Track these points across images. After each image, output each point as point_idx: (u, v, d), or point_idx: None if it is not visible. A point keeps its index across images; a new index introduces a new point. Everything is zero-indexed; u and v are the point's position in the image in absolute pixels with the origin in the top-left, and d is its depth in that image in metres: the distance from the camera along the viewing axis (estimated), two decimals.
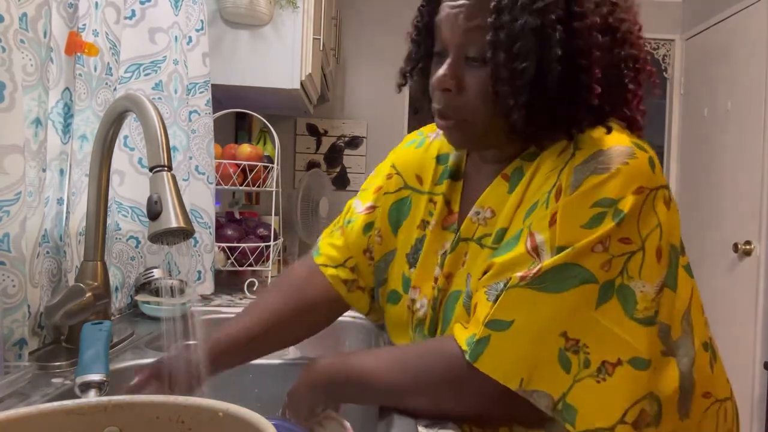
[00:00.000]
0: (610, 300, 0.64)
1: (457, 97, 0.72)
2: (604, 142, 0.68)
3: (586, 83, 0.67)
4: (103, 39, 1.11)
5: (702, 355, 0.73)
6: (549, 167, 0.70)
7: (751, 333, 2.72)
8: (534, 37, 0.65)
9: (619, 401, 0.63)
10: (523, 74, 0.66)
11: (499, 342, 0.65)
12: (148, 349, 1.04)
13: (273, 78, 1.88)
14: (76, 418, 0.52)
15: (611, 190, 0.65)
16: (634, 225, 0.65)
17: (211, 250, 1.59)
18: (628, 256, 0.65)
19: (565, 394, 0.63)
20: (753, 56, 2.80)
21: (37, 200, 0.93)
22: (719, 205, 3.03)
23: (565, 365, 0.63)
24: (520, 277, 0.65)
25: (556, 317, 0.64)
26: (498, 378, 0.64)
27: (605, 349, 0.63)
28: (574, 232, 0.65)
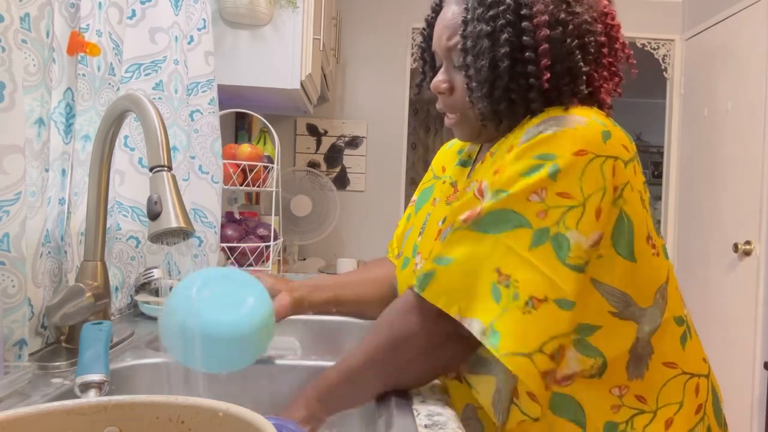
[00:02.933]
0: (544, 244, 0.71)
1: (450, 97, 0.88)
2: (562, 112, 0.77)
3: (534, 71, 0.78)
4: (106, 39, 1.11)
5: (672, 327, 0.80)
6: (513, 136, 0.81)
7: (751, 333, 2.72)
8: (487, 39, 0.79)
9: (540, 332, 0.70)
10: (481, 71, 0.80)
11: (442, 275, 0.74)
12: (148, 349, 1.04)
13: (273, 78, 1.88)
14: (76, 418, 0.52)
15: (554, 147, 0.73)
16: (576, 182, 0.72)
17: (216, 250, 1.58)
18: (566, 209, 0.72)
19: (494, 322, 0.70)
20: (753, 56, 2.80)
21: (39, 200, 0.93)
22: (719, 205, 3.04)
23: (496, 296, 0.71)
24: (462, 220, 0.75)
25: (491, 255, 0.72)
26: (440, 305, 0.73)
27: (534, 286, 0.70)
28: (513, 178, 0.73)
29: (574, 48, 0.79)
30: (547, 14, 0.78)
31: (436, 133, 5.06)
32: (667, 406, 0.79)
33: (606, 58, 0.82)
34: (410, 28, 3.38)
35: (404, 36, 3.38)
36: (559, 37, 0.78)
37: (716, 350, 2.97)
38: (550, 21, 0.78)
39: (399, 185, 3.45)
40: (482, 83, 0.80)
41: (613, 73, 0.84)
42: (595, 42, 0.81)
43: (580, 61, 0.80)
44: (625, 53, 0.85)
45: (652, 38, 3.52)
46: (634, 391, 0.78)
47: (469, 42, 0.81)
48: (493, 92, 0.80)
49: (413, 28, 3.39)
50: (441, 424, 0.71)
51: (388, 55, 3.35)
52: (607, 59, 0.82)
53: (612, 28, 0.83)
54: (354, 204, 3.40)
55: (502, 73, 0.79)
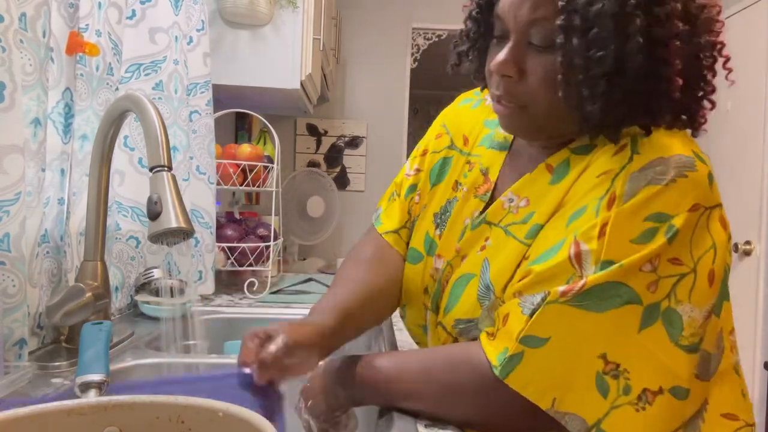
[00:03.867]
0: (655, 323, 0.60)
1: (518, 84, 0.67)
2: (665, 148, 0.63)
3: (667, 75, 0.62)
4: (105, 39, 1.11)
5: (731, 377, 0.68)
6: (601, 168, 0.65)
7: (751, 333, 2.72)
8: (612, 23, 0.60)
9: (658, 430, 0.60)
10: (600, 63, 0.61)
11: (533, 359, 0.61)
12: (148, 349, 1.04)
13: (273, 78, 1.88)
14: (76, 418, 0.52)
15: (666, 204, 0.60)
16: (687, 245, 0.61)
17: (212, 250, 1.59)
18: (678, 279, 0.60)
19: (601, 420, 0.60)
20: (753, 56, 2.80)
21: (36, 200, 0.93)
22: None
23: (602, 389, 0.60)
24: (561, 293, 0.61)
25: (595, 338, 0.60)
26: (528, 396, 0.61)
27: (647, 376, 0.60)
28: (623, 246, 0.60)
29: (699, 50, 0.65)
30: (679, 2, 0.62)
31: None
32: None
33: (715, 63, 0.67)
34: (410, 28, 3.38)
35: (404, 36, 3.38)
36: (688, 33, 0.63)
37: None
38: (682, 12, 0.62)
39: None
40: (597, 79, 0.62)
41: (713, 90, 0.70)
42: (714, 42, 0.66)
43: (704, 68, 0.66)
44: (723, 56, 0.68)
45: None
46: None
47: (579, 20, 0.60)
48: (611, 93, 0.62)
49: (413, 28, 3.39)
50: (441, 425, 0.71)
51: (388, 55, 3.35)
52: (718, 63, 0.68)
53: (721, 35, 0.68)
54: (354, 204, 3.40)
55: (630, 71, 0.61)
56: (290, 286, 1.82)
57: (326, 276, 2.15)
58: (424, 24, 3.40)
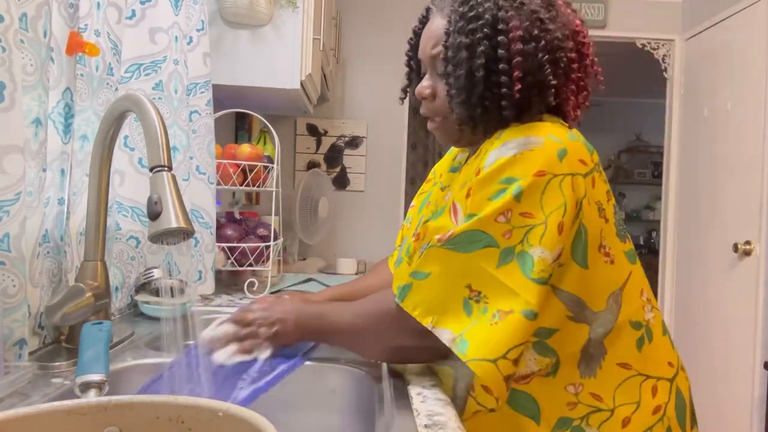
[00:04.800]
0: (510, 262, 0.78)
1: (433, 102, 0.95)
2: (520, 133, 0.82)
3: (506, 81, 0.85)
4: (104, 39, 1.11)
5: (626, 330, 0.86)
6: (480, 154, 0.86)
7: (751, 333, 2.72)
8: (465, 50, 0.86)
9: (504, 341, 0.76)
10: (459, 78, 0.87)
11: (418, 288, 0.82)
12: (148, 349, 1.04)
13: (273, 78, 1.88)
14: (76, 418, 0.52)
15: (514, 171, 0.79)
16: (537, 202, 0.78)
17: (212, 250, 1.59)
18: (529, 228, 0.78)
19: (464, 332, 0.78)
20: (753, 56, 2.80)
21: (36, 200, 0.93)
22: (719, 205, 3.04)
23: (467, 310, 0.79)
24: (437, 239, 0.81)
25: (463, 272, 0.79)
26: (416, 316, 0.81)
27: (501, 301, 0.77)
28: (482, 203, 0.80)
29: (545, 62, 0.86)
30: (521, 30, 0.85)
31: None
32: (625, 406, 0.85)
33: (575, 73, 0.89)
34: (410, 28, 3.37)
35: (404, 36, 3.37)
36: (531, 51, 0.85)
37: (716, 350, 2.97)
38: (524, 36, 0.85)
39: (399, 185, 3.45)
40: (460, 90, 0.87)
41: (581, 88, 0.91)
42: (566, 58, 0.87)
43: (549, 75, 0.86)
44: (594, 70, 0.93)
45: (652, 38, 3.52)
46: (589, 389, 0.84)
47: (450, 52, 0.88)
48: (469, 99, 0.87)
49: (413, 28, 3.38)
50: (441, 424, 0.71)
51: (388, 55, 3.35)
52: (577, 74, 0.90)
53: (583, 45, 0.90)
54: (354, 204, 3.39)
55: (478, 81, 0.86)
56: (290, 286, 1.82)
57: (326, 276, 2.16)
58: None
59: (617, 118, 6.18)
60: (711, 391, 2.92)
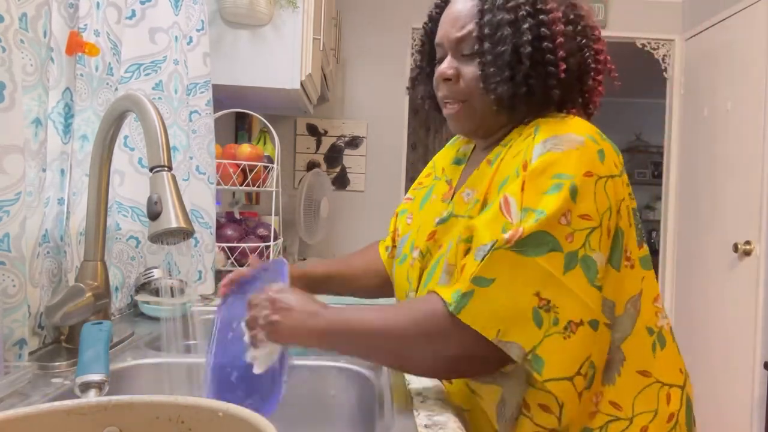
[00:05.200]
0: (575, 268, 0.74)
1: (456, 85, 0.89)
2: (559, 130, 0.81)
3: (553, 61, 0.83)
4: (104, 39, 1.11)
5: (643, 337, 0.83)
6: (516, 149, 0.83)
7: (751, 333, 2.72)
8: (509, 27, 0.83)
9: (579, 356, 0.73)
10: (503, 55, 0.83)
11: (481, 296, 0.73)
12: (148, 349, 1.04)
13: (273, 78, 1.88)
14: (76, 418, 0.52)
15: (566, 167, 0.76)
16: (592, 203, 0.76)
17: (212, 250, 1.59)
18: (590, 231, 0.75)
19: (536, 347, 0.72)
20: (753, 56, 2.80)
21: (36, 200, 0.93)
22: (719, 205, 3.04)
23: (537, 321, 0.72)
24: (506, 240, 0.74)
25: (531, 278, 0.73)
26: (477, 328, 0.72)
27: (571, 310, 0.73)
28: (538, 197, 0.75)
29: (582, 46, 0.86)
30: (560, 11, 0.85)
31: (436, 133, 5.06)
32: (643, 414, 0.81)
33: (599, 64, 0.89)
34: (410, 28, 3.38)
35: (404, 36, 3.38)
36: (571, 33, 0.85)
37: (716, 350, 2.97)
38: (563, 18, 0.85)
39: (399, 185, 3.45)
40: (502, 68, 0.83)
41: (599, 82, 0.90)
42: (593, 48, 0.88)
43: (589, 58, 0.87)
44: (608, 66, 0.91)
45: (652, 38, 3.52)
46: (608, 397, 0.81)
47: (488, 29, 0.84)
48: (514, 76, 0.83)
49: (413, 28, 3.38)
50: (441, 424, 0.71)
51: (388, 55, 3.35)
52: (599, 66, 0.89)
53: (600, 40, 0.90)
54: (354, 204, 3.40)
55: (524, 58, 0.83)
56: None
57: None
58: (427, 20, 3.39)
59: (617, 118, 6.18)
60: (711, 391, 2.92)
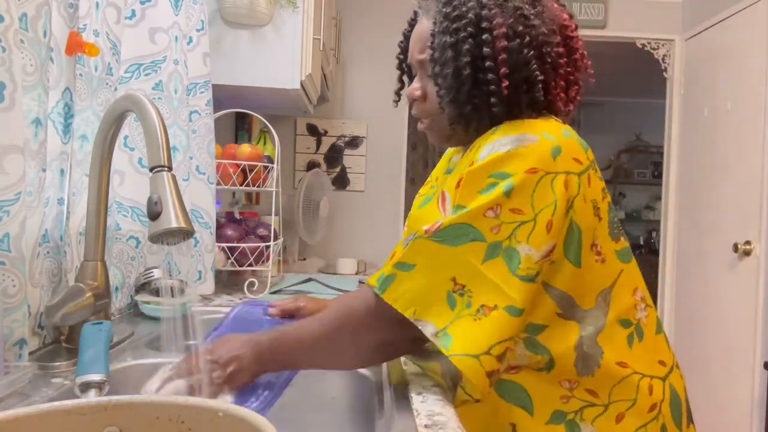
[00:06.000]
0: (497, 257, 0.78)
1: (423, 103, 0.96)
2: (516, 129, 0.83)
3: (493, 78, 0.86)
4: (103, 39, 1.11)
5: (616, 329, 0.86)
6: (472, 150, 0.86)
7: (751, 333, 2.72)
8: (451, 50, 0.87)
9: (488, 336, 0.76)
10: (446, 78, 0.88)
11: (401, 280, 0.80)
12: (148, 349, 1.04)
13: (273, 78, 1.88)
14: (76, 418, 0.52)
15: (507, 166, 0.80)
16: (528, 199, 0.78)
17: (212, 250, 1.59)
18: (518, 224, 0.78)
19: (447, 326, 0.77)
20: (753, 56, 2.80)
21: (36, 200, 0.93)
22: (719, 205, 3.03)
23: (451, 304, 0.78)
24: (425, 230, 0.80)
25: (448, 265, 0.78)
26: (398, 307, 0.79)
27: (485, 296, 0.77)
28: (472, 195, 0.80)
29: (530, 58, 0.86)
30: (505, 27, 0.86)
31: None
32: (620, 402, 0.84)
33: (564, 68, 0.89)
34: None
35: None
36: (516, 48, 0.86)
37: (716, 350, 2.97)
38: (509, 33, 0.86)
39: (399, 185, 3.45)
40: (449, 90, 0.88)
41: (571, 82, 0.92)
42: (553, 53, 0.88)
43: (536, 70, 0.87)
44: (584, 63, 0.93)
45: (652, 38, 3.52)
46: (584, 385, 0.83)
47: (437, 53, 0.89)
48: (458, 97, 0.88)
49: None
50: (441, 424, 0.71)
51: (388, 55, 3.33)
52: (566, 69, 0.90)
53: (571, 39, 0.91)
54: (354, 204, 3.39)
55: (465, 80, 0.87)
56: (290, 286, 1.82)
57: (326, 276, 2.15)
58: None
59: (617, 118, 6.18)
60: (711, 391, 2.92)
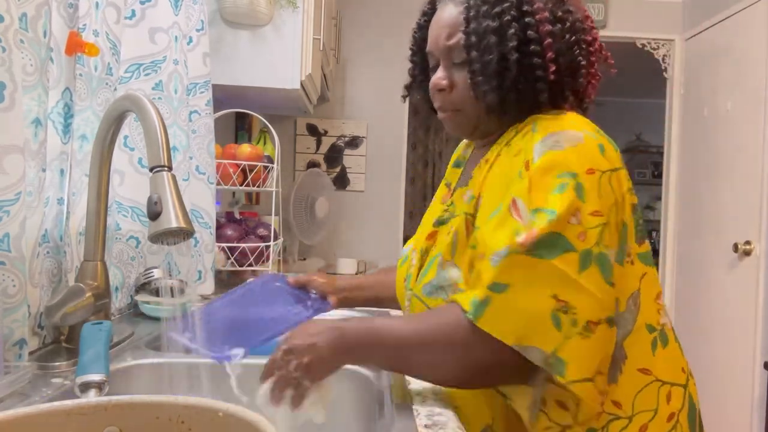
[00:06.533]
0: (591, 266, 0.73)
1: (450, 94, 0.89)
2: (557, 125, 0.80)
3: (540, 63, 0.82)
4: (103, 39, 1.11)
5: (643, 334, 0.82)
6: (515, 148, 0.82)
7: (751, 333, 2.72)
8: (494, 35, 0.82)
9: (598, 355, 0.73)
10: (489, 64, 0.83)
11: (498, 302, 0.72)
12: (148, 349, 1.04)
13: (273, 78, 1.88)
14: (76, 418, 0.52)
15: (570, 165, 0.76)
16: (599, 200, 0.75)
17: (212, 250, 1.59)
18: (601, 227, 0.74)
19: (557, 349, 0.71)
20: (753, 56, 2.80)
21: (36, 200, 0.93)
22: (719, 205, 3.04)
23: (556, 324, 0.71)
24: (519, 243, 0.73)
25: (547, 281, 0.72)
26: (496, 335, 0.71)
27: (589, 310, 0.72)
28: (546, 197, 0.75)
29: (572, 43, 0.85)
30: (547, 11, 0.83)
31: (436, 133, 5.06)
32: (643, 413, 0.81)
33: (592, 56, 0.88)
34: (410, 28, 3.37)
35: (404, 36, 3.38)
36: (559, 32, 0.83)
37: (716, 350, 2.97)
38: (550, 17, 0.83)
39: (399, 185, 3.45)
40: (490, 76, 0.83)
41: (595, 73, 0.89)
42: (585, 40, 0.86)
43: (579, 56, 0.85)
44: (603, 54, 0.90)
45: (652, 38, 3.52)
46: (611, 396, 0.80)
47: (474, 38, 0.83)
48: (502, 84, 0.83)
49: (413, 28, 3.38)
50: (441, 424, 0.71)
51: (388, 55, 3.35)
52: (593, 57, 0.88)
53: (593, 29, 0.89)
54: (354, 204, 3.40)
55: (511, 65, 0.82)
56: None
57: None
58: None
59: (617, 118, 6.18)
60: (711, 391, 2.92)
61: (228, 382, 0.78)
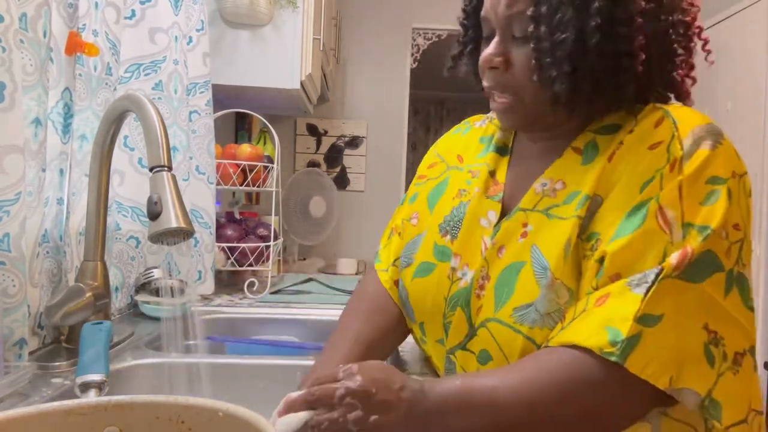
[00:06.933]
0: (733, 288, 0.62)
1: (505, 74, 0.72)
2: (697, 115, 0.68)
3: (628, 51, 0.66)
4: (103, 39, 1.11)
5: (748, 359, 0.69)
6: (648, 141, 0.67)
7: None
8: (572, 8, 0.65)
9: (747, 390, 0.63)
10: (563, 44, 0.65)
11: (651, 338, 0.59)
12: (148, 349, 1.04)
13: (273, 78, 1.88)
14: (76, 418, 0.52)
15: (718, 168, 0.64)
16: (739, 210, 0.63)
17: (212, 250, 1.59)
18: (741, 243, 0.63)
19: (711, 390, 0.60)
20: (753, 56, 2.80)
21: (36, 200, 0.93)
22: None
23: (710, 359, 0.60)
24: (674, 266, 0.60)
25: (698, 308, 0.61)
26: (647, 377, 0.59)
27: (735, 340, 0.62)
28: (696, 208, 0.62)
29: (668, 26, 0.69)
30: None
31: (436, 133, 5.06)
32: None
33: (691, 42, 0.72)
34: (410, 29, 3.38)
35: (404, 36, 3.38)
36: (652, 12, 0.67)
37: None
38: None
39: (399, 185, 3.45)
40: (562, 60, 0.66)
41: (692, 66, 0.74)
42: (683, 22, 0.70)
43: (674, 43, 0.70)
44: (702, 39, 0.73)
45: None
46: None
47: (544, 8, 0.66)
48: (576, 71, 0.66)
49: (413, 28, 3.39)
50: None
51: (388, 55, 3.35)
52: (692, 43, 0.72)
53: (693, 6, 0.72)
54: (354, 204, 3.40)
55: (591, 49, 0.65)
56: (290, 286, 1.82)
57: (326, 276, 2.15)
58: (424, 24, 3.40)
59: None
60: None
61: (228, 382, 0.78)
